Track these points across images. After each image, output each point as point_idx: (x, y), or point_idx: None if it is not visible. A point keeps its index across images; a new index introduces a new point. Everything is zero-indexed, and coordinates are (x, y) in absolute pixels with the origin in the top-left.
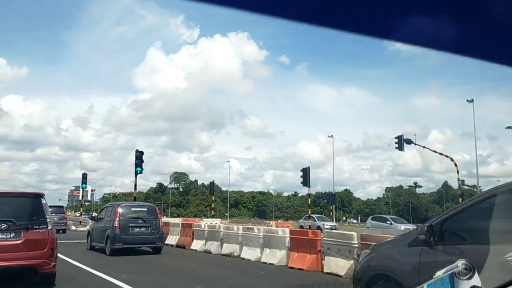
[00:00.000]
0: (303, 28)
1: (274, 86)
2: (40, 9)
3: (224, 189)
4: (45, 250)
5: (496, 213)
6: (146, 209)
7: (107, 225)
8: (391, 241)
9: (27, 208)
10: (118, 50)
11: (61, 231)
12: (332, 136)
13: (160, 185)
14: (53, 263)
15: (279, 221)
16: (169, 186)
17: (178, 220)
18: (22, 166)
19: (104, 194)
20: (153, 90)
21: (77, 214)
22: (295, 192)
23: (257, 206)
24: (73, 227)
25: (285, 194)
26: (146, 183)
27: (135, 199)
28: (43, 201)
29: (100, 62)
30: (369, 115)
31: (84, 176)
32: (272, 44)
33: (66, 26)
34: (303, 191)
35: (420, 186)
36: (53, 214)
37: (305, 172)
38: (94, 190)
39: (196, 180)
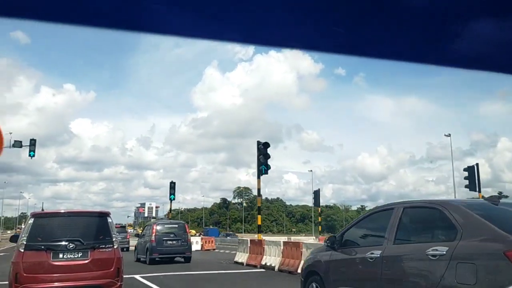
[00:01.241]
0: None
1: (330, 98)
2: (104, 36)
3: (288, 203)
4: (112, 269)
5: (373, 225)
6: (177, 226)
7: (147, 239)
8: (320, 247)
9: (93, 227)
10: (177, 71)
11: (124, 249)
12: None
13: (224, 200)
14: (119, 283)
15: None
16: (232, 201)
17: (274, 238)
18: (91, 185)
19: (169, 210)
20: (211, 108)
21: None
22: (362, 206)
23: (325, 220)
24: None
25: (353, 208)
26: (206, 199)
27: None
28: (109, 220)
29: (160, 83)
30: (432, 124)
31: (172, 186)
32: (327, 57)
33: (128, 51)
34: (369, 204)
35: (507, 196)
36: (117, 233)
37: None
38: (159, 206)
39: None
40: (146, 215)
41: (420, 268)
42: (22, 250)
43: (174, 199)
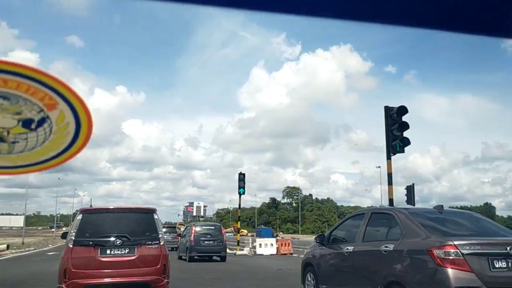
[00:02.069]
0: (410, 34)
1: (380, 97)
2: (154, 39)
3: (339, 204)
4: (158, 266)
5: (351, 226)
6: (213, 227)
7: (187, 239)
8: (315, 244)
9: (140, 223)
10: (224, 71)
11: (174, 249)
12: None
13: (273, 200)
14: (166, 280)
15: None
16: (282, 201)
17: None
18: (142, 184)
19: (218, 209)
20: (257, 108)
21: None
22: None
23: None
24: None
25: None
26: (253, 199)
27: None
28: (156, 217)
29: (208, 84)
30: (488, 123)
31: (242, 178)
32: (376, 54)
33: (176, 53)
34: (421, 206)
35: None
36: (167, 233)
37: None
38: (206, 206)
39: (310, 195)
40: (194, 214)
41: (376, 260)
42: (71, 246)
43: (243, 193)
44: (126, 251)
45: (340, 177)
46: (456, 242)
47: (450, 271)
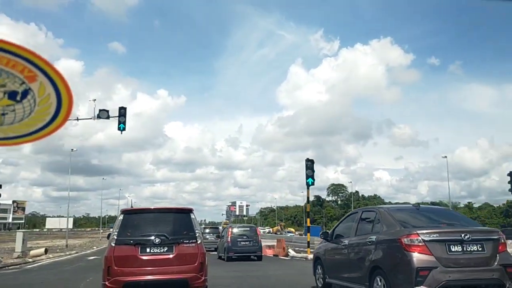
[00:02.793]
0: (453, 23)
1: (423, 90)
2: (192, 42)
3: (386, 200)
4: (196, 264)
5: (349, 223)
6: (249, 229)
7: (224, 240)
8: (322, 240)
9: (178, 223)
10: (262, 71)
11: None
12: None
13: (318, 197)
14: (203, 278)
15: None
16: (326, 199)
17: None
18: (185, 185)
19: (261, 208)
20: (296, 106)
21: None
22: (469, 203)
23: None
24: None
25: (461, 204)
26: (294, 197)
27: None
28: (192, 216)
29: (246, 84)
30: None
31: (309, 166)
32: (418, 46)
33: (215, 55)
34: (478, 200)
35: None
36: (210, 234)
37: None
38: (249, 205)
39: (357, 191)
40: (237, 213)
41: (364, 250)
42: (113, 245)
43: (313, 183)
44: (165, 249)
45: (384, 173)
46: (419, 232)
47: (414, 255)
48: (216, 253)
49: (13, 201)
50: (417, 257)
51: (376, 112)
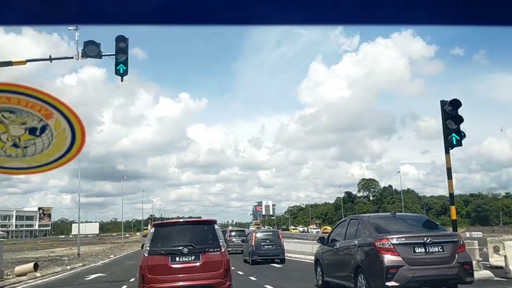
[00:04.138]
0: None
1: (447, 81)
2: (210, 45)
3: (424, 193)
4: (221, 271)
5: (341, 229)
6: (271, 233)
7: (248, 244)
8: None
9: (203, 233)
10: (282, 70)
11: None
12: None
13: (349, 194)
14: (228, 283)
15: None
16: (357, 195)
17: None
18: (210, 187)
19: (289, 207)
20: (318, 104)
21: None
22: (507, 193)
23: (475, 211)
24: None
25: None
26: (319, 196)
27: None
28: (216, 227)
29: (266, 84)
30: None
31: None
32: (441, 37)
33: (233, 57)
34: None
35: None
36: (236, 237)
37: None
38: (275, 204)
39: (390, 186)
40: (263, 213)
41: (350, 252)
42: (147, 255)
43: (459, 142)
44: (193, 258)
45: (410, 168)
46: (389, 237)
47: (385, 256)
48: (242, 255)
49: (39, 208)
50: (387, 258)
51: (400, 105)
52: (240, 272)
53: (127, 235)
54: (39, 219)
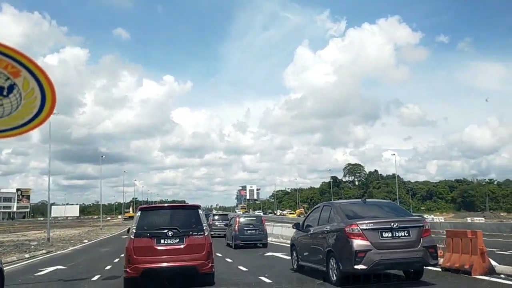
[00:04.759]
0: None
1: (432, 68)
2: (196, 27)
3: (405, 179)
4: (203, 253)
5: (315, 215)
6: (255, 218)
7: (232, 229)
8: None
9: (187, 218)
10: (268, 54)
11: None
12: None
13: (335, 178)
14: (210, 264)
15: None
16: (343, 179)
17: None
18: (194, 171)
19: (274, 191)
20: (304, 89)
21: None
22: (490, 180)
23: (462, 197)
24: None
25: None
26: (304, 181)
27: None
28: (200, 212)
29: (252, 68)
30: None
31: None
32: (427, 24)
33: (219, 40)
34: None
35: None
36: (220, 220)
37: None
38: (259, 189)
39: (376, 171)
40: (248, 197)
41: (322, 237)
42: (133, 237)
43: None
44: (177, 240)
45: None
46: (358, 222)
47: (354, 241)
48: (224, 239)
49: (17, 189)
50: (356, 242)
51: (385, 92)
52: (218, 254)
53: (109, 218)
54: (17, 201)
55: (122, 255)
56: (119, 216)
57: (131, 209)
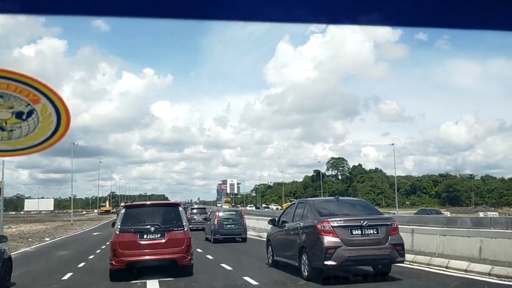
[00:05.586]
0: None
1: (411, 66)
2: (177, 21)
3: (392, 173)
4: (183, 247)
5: (290, 211)
6: (234, 213)
7: (211, 223)
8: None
9: (168, 214)
10: (249, 48)
11: (203, 229)
12: None
13: (318, 172)
14: (189, 257)
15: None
16: (327, 173)
17: None
18: (173, 165)
19: (256, 185)
20: (284, 84)
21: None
22: (471, 175)
23: (447, 191)
24: None
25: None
26: (284, 175)
27: None
28: (180, 209)
29: (233, 62)
30: None
31: None
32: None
33: (200, 33)
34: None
35: None
36: (198, 214)
37: None
38: (240, 183)
39: (360, 165)
40: (228, 191)
41: (296, 233)
42: (118, 232)
43: None
44: (158, 235)
45: (371, 149)
46: (329, 219)
47: (325, 237)
48: (203, 232)
49: None
50: (327, 239)
51: (364, 88)
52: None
53: (84, 212)
54: None
55: (82, 264)
56: (95, 210)
57: (107, 203)
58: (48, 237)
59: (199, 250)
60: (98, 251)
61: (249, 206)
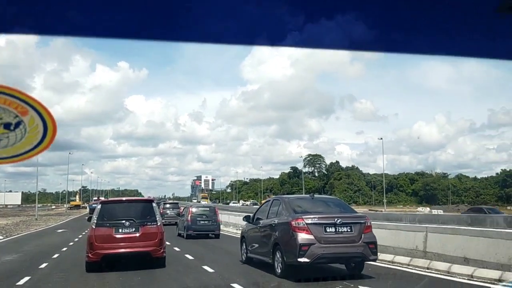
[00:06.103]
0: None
1: (385, 66)
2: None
3: (365, 171)
4: (156, 240)
5: (265, 208)
6: (208, 209)
7: (185, 219)
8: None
9: (142, 210)
10: (226, 44)
11: (176, 224)
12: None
13: (295, 169)
14: (162, 250)
15: None
16: (304, 170)
17: None
18: (147, 160)
19: (231, 182)
20: (260, 81)
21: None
22: (444, 173)
23: (424, 190)
24: None
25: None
26: (258, 172)
27: None
28: (154, 205)
29: (209, 58)
30: (494, 90)
31: None
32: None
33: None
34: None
35: None
36: (170, 209)
37: None
38: (215, 179)
39: (337, 162)
40: (202, 187)
41: (270, 230)
42: (94, 227)
43: None
44: (133, 229)
45: (345, 147)
46: (304, 217)
47: (299, 234)
48: (175, 227)
49: None
50: (301, 236)
51: (339, 87)
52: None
53: (53, 206)
54: None
55: (27, 278)
56: (65, 205)
57: (77, 197)
58: (3, 234)
59: (168, 243)
60: (57, 255)
61: (233, 202)
